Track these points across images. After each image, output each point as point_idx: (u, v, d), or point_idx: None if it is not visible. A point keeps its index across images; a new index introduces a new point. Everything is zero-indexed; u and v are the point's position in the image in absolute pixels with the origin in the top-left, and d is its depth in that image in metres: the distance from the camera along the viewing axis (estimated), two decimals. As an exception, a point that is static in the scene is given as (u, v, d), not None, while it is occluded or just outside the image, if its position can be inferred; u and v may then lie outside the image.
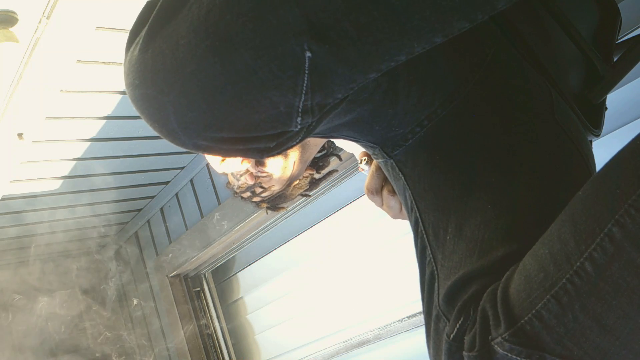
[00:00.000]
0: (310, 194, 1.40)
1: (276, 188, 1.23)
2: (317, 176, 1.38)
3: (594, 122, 0.79)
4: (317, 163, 1.37)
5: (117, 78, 1.89)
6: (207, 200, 2.71)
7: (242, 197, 1.29)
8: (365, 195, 0.89)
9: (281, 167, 1.19)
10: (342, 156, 1.79)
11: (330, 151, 1.40)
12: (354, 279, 2.33)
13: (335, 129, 0.64)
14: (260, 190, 1.24)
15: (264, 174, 1.18)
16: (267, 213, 1.83)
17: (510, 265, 0.57)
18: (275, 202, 1.31)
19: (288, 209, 1.85)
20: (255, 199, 1.27)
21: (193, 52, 0.50)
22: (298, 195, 1.34)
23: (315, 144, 1.26)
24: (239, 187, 1.24)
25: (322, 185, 1.46)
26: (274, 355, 2.80)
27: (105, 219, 3.09)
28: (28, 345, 3.18)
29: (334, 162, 1.69)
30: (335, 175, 1.66)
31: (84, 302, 3.47)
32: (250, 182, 1.20)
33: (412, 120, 0.64)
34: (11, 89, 1.60)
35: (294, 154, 1.20)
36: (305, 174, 1.32)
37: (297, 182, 1.28)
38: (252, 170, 1.17)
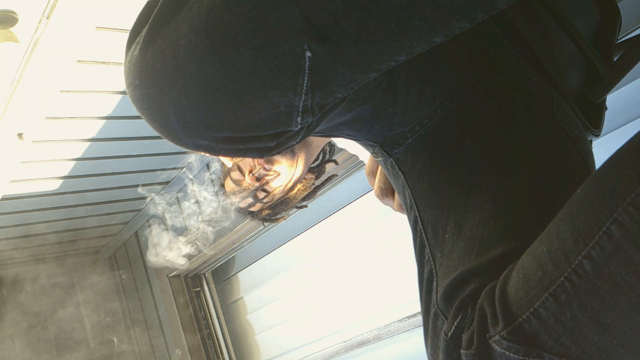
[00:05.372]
0: (306, 204, 1.40)
1: (280, 190, 1.23)
2: (317, 182, 1.38)
3: (594, 122, 0.79)
4: (315, 169, 1.37)
5: (117, 78, 1.89)
6: (207, 200, 2.71)
7: (239, 208, 1.28)
8: (379, 200, 0.89)
9: (288, 165, 1.19)
10: (341, 158, 1.79)
11: (326, 158, 1.40)
12: (354, 279, 2.33)
13: (335, 128, 0.64)
14: (263, 195, 1.23)
15: (272, 173, 1.18)
16: (264, 226, 1.82)
17: (508, 263, 0.57)
18: (276, 210, 1.30)
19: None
20: (257, 207, 1.27)
21: (193, 51, 0.50)
22: (295, 206, 1.34)
23: (318, 144, 1.26)
24: (241, 191, 1.23)
25: (321, 190, 1.46)
26: (274, 355, 2.80)
27: (106, 219, 3.09)
28: (26, 342, 3.18)
29: (332, 166, 1.69)
30: (334, 179, 1.67)
31: (84, 302, 3.47)
32: (256, 184, 1.19)
33: (412, 119, 0.65)
34: (11, 89, 1.60)
35: (299, 152, 1.20)
36: (307, 177, 1.31)
37: (300, 185, 1.28)
38: (262, 167, 1.16)
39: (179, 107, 0.52)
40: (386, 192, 0.86)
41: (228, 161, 1.24)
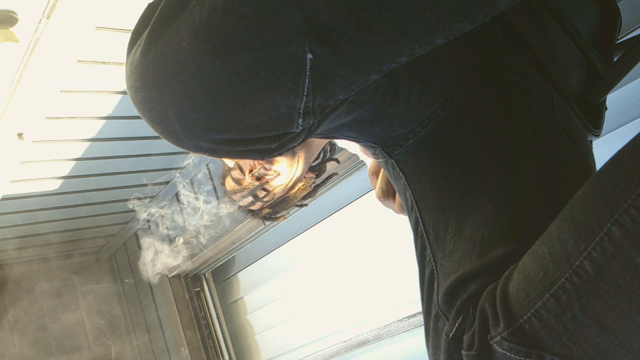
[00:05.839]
0: (307, 203, 1.40)
1: (280, 189, 1.23)
2: (317, 181, 1.38)
3: (594, 122, 0.79)
4: (315, 168, 1.37)
5: (117, 78, 1.89)
6: (207, 200, 2.71)
7: (240, 206, 1.28)
8: (380, 202, 0.89)
9: (288, 165, 1.19)
10: (341, 158, 1.80)
11: (327, 157, 1.40)
12: (354, 279, 2.33)
13: (336, 129, 0.64)
14: (264, 194, 1.23)
15: (272, 172, 1.18)
16: (264, 224, 1.83)
17: (509, 264, 0.57)
18: (277, 209, 1.30)
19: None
20: (257, 205, 1.27)
21: (194, 54, 0.50)
22: (296, 204, 1.34)
23: (318, 144, 1.26)
24: (241, 190, 1.23)
25: (321, 189, 1.46)
26: (274, 355, 2.80)
27: (106, 219, 3.09)
28: (29, 343, 3.18)
29: (333, 165, 1.69)
30: (335, 178, 1.67)
31: (84, 302, 3.47)
32: (256, 183, 1.19)
33: (412, 120, 0.65)
34: (11, 89, 1.60)
35: (300, 152, 1.20)
36: (307, 176, 1.31)
37: (300, 184, 1.28)
38: (262, 166, 1.16)
39: (180, 109, 0.52)
40: (387, 194, 0.86)
41: (230, 161, 1.24)
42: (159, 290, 3.15)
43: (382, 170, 0.88)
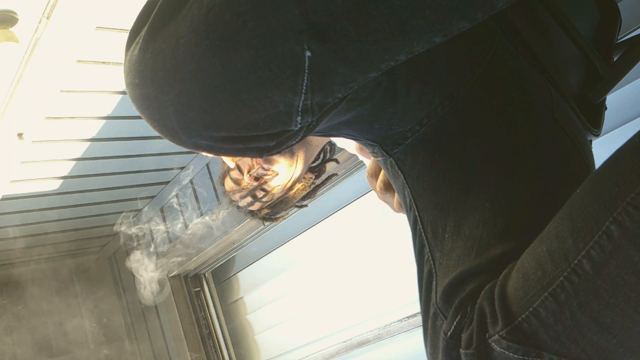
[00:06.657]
0: (306, 203, 1.40)
1: (279, 190, 1.23)
2: (317, 182, 1.38)
3: (594, 122, 0.79)
4: (315, 169, 1.37)
5: (117, 78, 1.89)
6: (207, 200, 2.71)
7: (239, 207, 1.28)
8: (379, 198, 0.89)
9: (287, 165, 1.19)
10: (341, 158, 1.80)
11: (327, 157, 1.40)
12: (354, 279, 2.33)
13: (334, 127, 0.64)
14: (262, 194, 1.23)
15: (270, 173, 1.18)
16: (264, 224, 1.83)
17: (508, 263, 0.57)
18: (276, 209, 1.30)
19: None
20: (256, 206, 1.27)
21: (193, 51, 0.50)
22: (295, 204, 1.34)
23: (317, 144, 1.26)
24: (240, 190, 1.23)
25: (321, 190, 1.46)
26: (274, 355, 2.80)
27: (105, 219, 3.09)
28: (25, 342, 3.18)
29: (332, 165, 1.69)
30: (334, 178, 1.67)
31: (84, 302, 3.47)
32: (254, 183, 1.19)
33: (411, 118, 0.65)
34: (11, 89, 1.60)
35: (299, 151, 1.20)
36: (307, 177, 1.31)
37: (299, 184, 1.28)
38: (260, 166, 1.16)
39: (179, 107, 0.52)
40: (388, 187, 0.86)
41: (229, 161, 1.24)
42: (159, 290, 3.15)
43: None
